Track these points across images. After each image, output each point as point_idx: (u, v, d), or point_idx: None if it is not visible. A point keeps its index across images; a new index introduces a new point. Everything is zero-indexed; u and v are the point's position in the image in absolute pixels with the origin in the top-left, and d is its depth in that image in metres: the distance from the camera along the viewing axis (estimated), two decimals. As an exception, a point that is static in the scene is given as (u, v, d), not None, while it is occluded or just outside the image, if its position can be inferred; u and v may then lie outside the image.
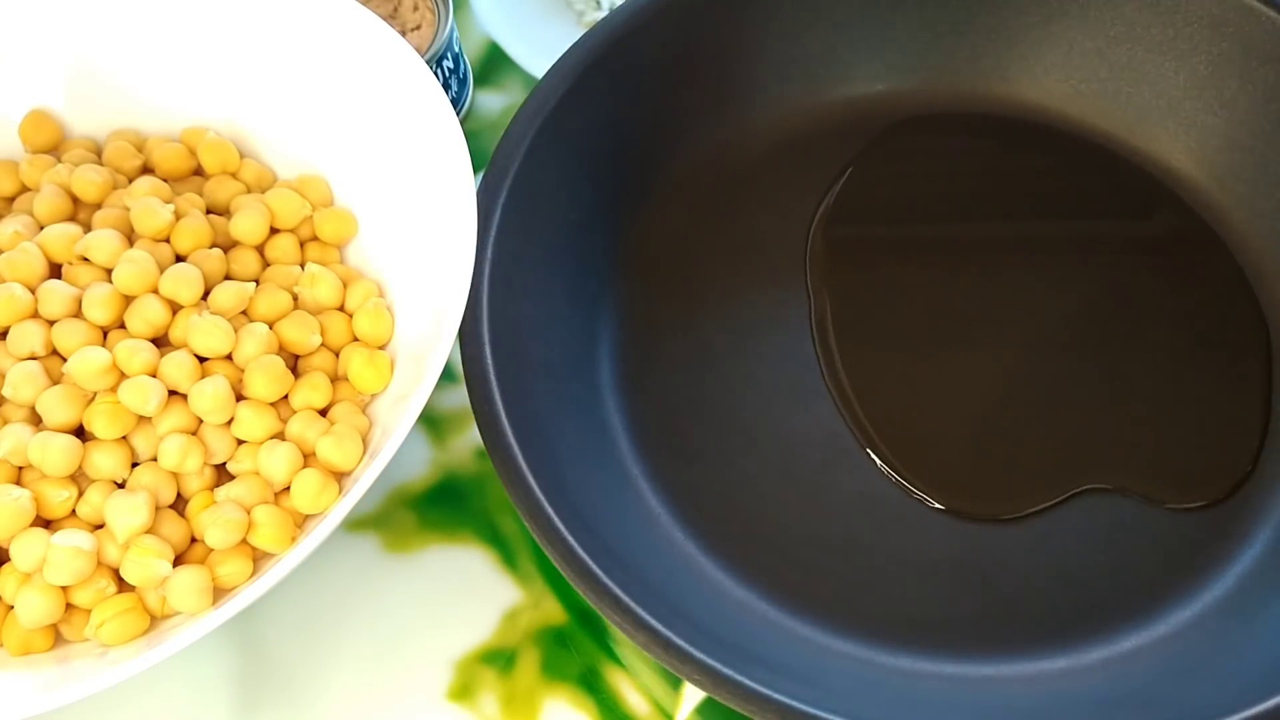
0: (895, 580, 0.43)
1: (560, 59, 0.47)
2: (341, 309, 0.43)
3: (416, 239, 0.43)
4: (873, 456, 0.46)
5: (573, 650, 0.44)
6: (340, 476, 0.40)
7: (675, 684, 0.43)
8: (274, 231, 0.44)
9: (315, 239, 0.45)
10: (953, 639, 0.42)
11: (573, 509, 0.40)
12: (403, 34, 0.53)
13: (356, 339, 0.43)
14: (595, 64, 0.48)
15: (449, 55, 0.53)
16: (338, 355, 0.43)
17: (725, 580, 0.43)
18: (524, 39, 0.59)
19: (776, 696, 0.36)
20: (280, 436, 0.40)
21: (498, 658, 0.43)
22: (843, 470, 0.45)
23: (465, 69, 0.55)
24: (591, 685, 0.43)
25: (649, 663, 0.43)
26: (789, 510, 0.45)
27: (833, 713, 0.36)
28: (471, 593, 0.44)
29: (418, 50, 0.52)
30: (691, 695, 0.43)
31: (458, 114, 0.54)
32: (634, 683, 0.43)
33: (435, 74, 0.51)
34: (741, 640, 0.40)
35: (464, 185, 0.40)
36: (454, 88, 0.54)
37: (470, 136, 0.54)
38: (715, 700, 0.40)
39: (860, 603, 0.43)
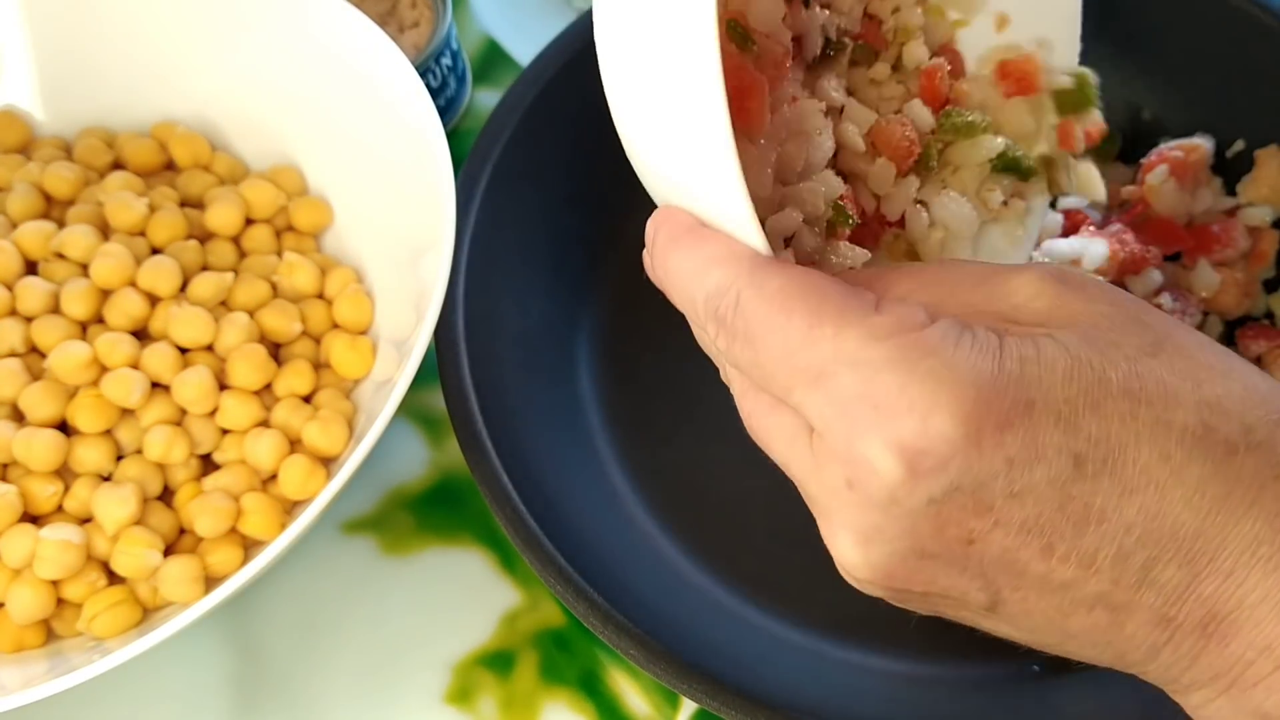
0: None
1: (557, 37, 0.54)
2: (321, 296, 0.49)
3: (393, 224, 0.49)
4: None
5: (572, 653, 0.48)
6: (327, 461, 0.45)
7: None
8: (250, 222, 0.50)
9: (291, 228, 0.51)
10: (903, 637, 0.46)
11: (529, 475, 0.46)
12: (400, 32, 0.59)
13: (337, 325, 0.49)
14: (592, 42, 0.54)
15: (447, 53, 0.58)
16: (319, 342, 0.48)
17: (683, 563, 0.49)
18: (523, 37, 0.64)
19: (708, 672, 0.41)
20: (265, 424, 0.45)
21: (496, 661, 0.48)
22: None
23: (464, 67, 0.61)
24: (591, 688, 0.48)
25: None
26: (754, 498, 0.49)
27: (768, 694, 0.41)
28: (470, 595, 0.49)
29: (415, 48, 0.58)
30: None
31: (456, 111, 0.60)
32: (634, 685, 0.48)
33: (434, 72, 0.57)
34: (691, 622, 0.46)
35: (441, 166, 0.46)
36: (452, 85, 0.60)
37: (469, 134, 0.60)
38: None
39: (815, 595, 0.47)
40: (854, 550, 0.32)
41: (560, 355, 0.52)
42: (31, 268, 0.48)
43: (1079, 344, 0.30)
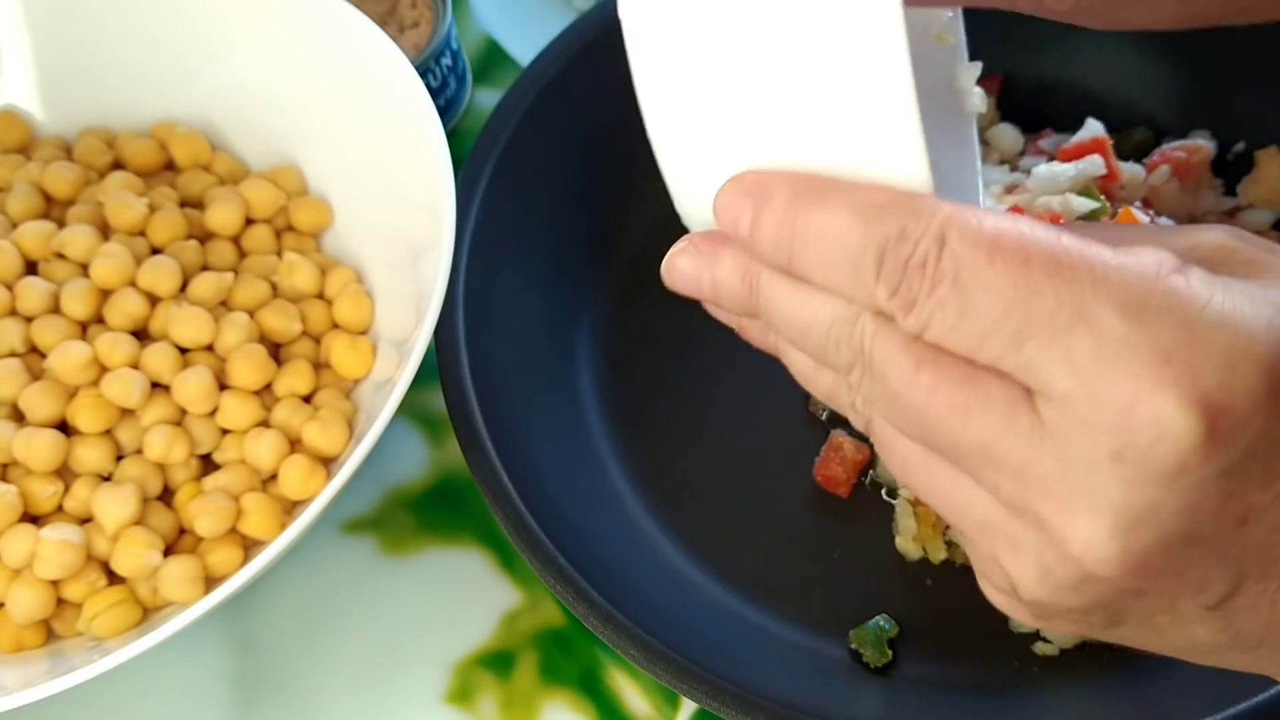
0: (849, 575, 0.49)
1: (557, 37, 0.54)
2: (321, 296, 0.49)
3: (393, 224, 0.49)
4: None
5: (572, 653, 0.49)
6: (327, 461, 0.45)
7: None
8: (250, 222, 0.50)
9: (291, 229, 0.51)
10: (902, 638, 0.47)
11: (530, 475, 0.46)
12: (400, 32, 0.59)
13: (337, 325, 0.49)
14: (592, 42, 0.54)
15: (447, 53, 0.59)
16: (319, 342, 0.49)
17: (683, 563, 0.49)
18: (523, 37, 0.65)
19: (708, 672, 0.42)
20: (265, 424, 0.46)
21: (496, 661, 0.48)
22: (811, 461, 0.51)
23: (464, 66, 0.61)
24: (591, 688, 0.48)
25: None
26: (754, 498, 0.50)
27: (768, 694, 0.42)
28: (470, 595, 0.50)
29: (415, 48, 0.58)
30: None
31: (456, 112, 0.61)
32: (634, 685, 0.48)
33: (434, 72, 0.58)
34: (691, 622, 0.46)
35: (441, 166, 0.46)
36: (452, 85, 0.60)
37: (469, 134, 0.60)
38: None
39: (815, 595, 0.48)
40: (1110, 541, 0.26)
41: (560, 355, 0.53)
42: (31, 268, 0.48)
43: None
